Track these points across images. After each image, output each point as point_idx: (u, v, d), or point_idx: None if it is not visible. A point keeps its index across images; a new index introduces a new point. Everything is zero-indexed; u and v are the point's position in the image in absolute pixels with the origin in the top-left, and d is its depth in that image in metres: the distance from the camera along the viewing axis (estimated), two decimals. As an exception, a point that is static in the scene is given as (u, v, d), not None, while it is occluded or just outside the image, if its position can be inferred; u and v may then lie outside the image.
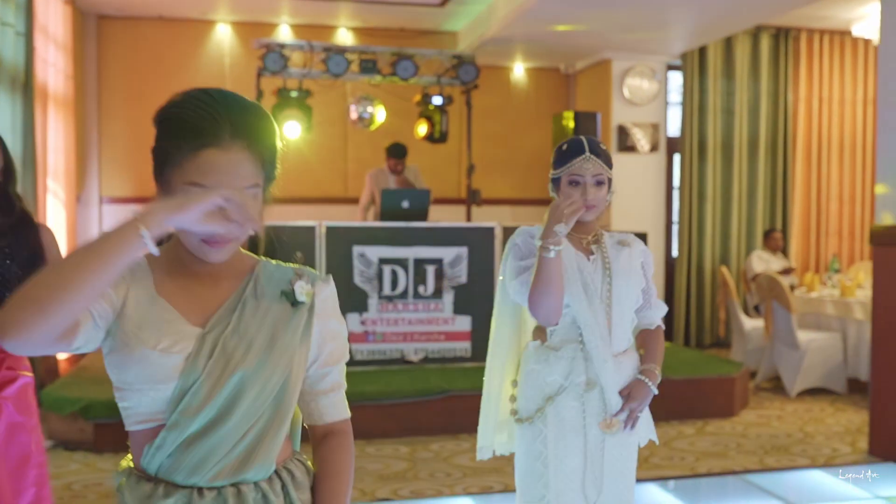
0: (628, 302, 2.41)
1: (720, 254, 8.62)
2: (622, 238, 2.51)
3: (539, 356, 2.40)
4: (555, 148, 2.44)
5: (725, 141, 8.59)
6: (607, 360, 2.31)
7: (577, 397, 2.35)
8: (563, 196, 2.38)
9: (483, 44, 8.17)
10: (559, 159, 2.41)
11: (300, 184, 8.44)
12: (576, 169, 2.36)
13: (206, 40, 8.43)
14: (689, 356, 6.58)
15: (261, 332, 1.40)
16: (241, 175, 1.35)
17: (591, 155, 2.37)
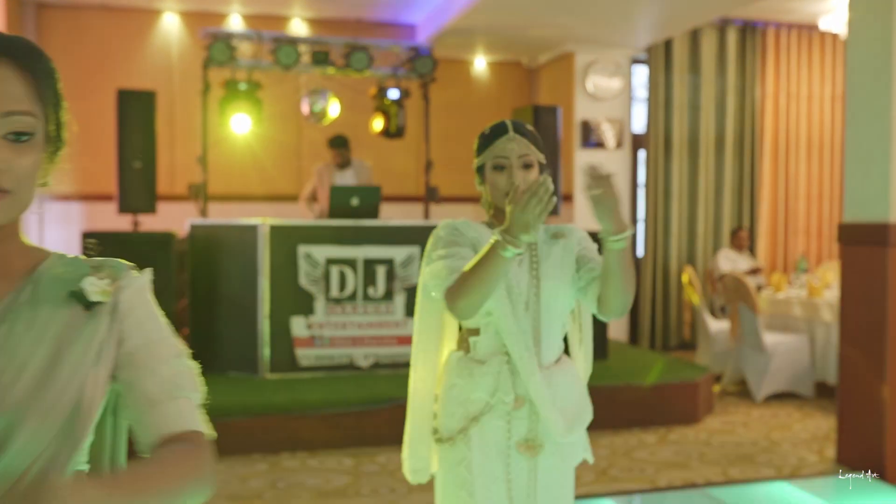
0: (558, 307, 2.12)
1: (686, 253, 8.40)
2: (557, 230, 2.23)
3: (462, 369, 2.11)
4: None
5: (692, 137, 8.37)
6: (534, 372, 2.03)
7: (504, 416, 2.07)
8: (490, 185, 2.11)
9: (442, 35, 7.88)
10: (481, 144, 2.15)
11: (250, 181, 8.11)
12: (499, 150, 2.10)
13: (152, 31, 8.06)
14: (652, 360, 6.32)
15: (37, 351, 1.08)
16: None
17: (515, 135, 2.11)
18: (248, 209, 7.86)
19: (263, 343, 5.56)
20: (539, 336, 2.09)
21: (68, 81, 5.37)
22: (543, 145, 2.21)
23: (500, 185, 2.10)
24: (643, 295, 8.26)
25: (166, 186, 7.97)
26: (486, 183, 2.13)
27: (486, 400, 2.06)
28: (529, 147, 2.12)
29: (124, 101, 5.87)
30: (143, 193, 5.86)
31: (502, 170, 2.10)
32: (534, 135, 2.16)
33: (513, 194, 1.92)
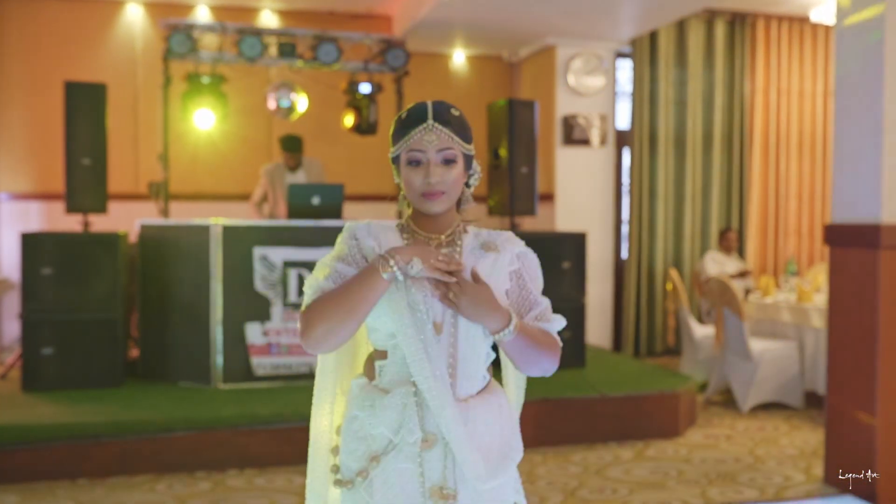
0: (481, 331, 1.78)
1: (672, 255, 8.07)
2: (489, 239, 1.88)
3: (364, 399, 1.78)
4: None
5: (678, 134, 8.04)
6: (445, 406, 1.70)
7: (413, 458, 1.73)
8: (405, 182, 1.79)
9: (418, 27, 7.54)
10: (397, 132, 1.82)
11: (215, 179, 7.78)
12: (415, 143, 1.77)
13: (115, 22, 7.72)
14: (631, 368, 6.00)
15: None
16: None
17: (434, 123, 1.77)
18: (214, 209, 7.52)
19: (216, 351, 5.22)
20: (455, 363, 1.76)
21: (27, 74, 4.92)
22: (472, 133, 1.88)
23: (414, 184, 1.77)
24: (627, 299, 7.93)
25: (129, 185, 7.64)
26: (401, 177, 1.81)
27: (389, 438, 1.73)
28: (452, 138, 1.79)
29: (72, 94, 5.52)
30: (92, 192, 5.51)
31: (418, 165, 1.78)
32: (460, 121, 1.83)
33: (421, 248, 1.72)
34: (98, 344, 5.18)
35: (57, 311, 5.12)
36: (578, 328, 5.95)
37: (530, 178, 6.24)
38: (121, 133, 7.60)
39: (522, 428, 1.85)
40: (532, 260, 1.88)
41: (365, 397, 1.77)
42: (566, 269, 5.92)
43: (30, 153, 7.52)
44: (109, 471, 4.36)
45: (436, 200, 1.77)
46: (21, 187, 7.53)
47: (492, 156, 6.40)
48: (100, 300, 5.17)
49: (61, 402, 4.82)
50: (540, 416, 4.98)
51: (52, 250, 5.12)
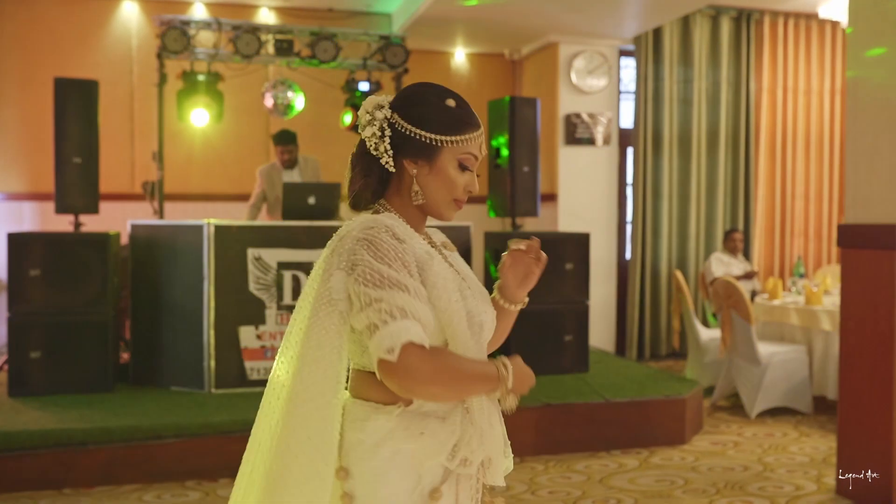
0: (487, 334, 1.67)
1: (677, 256, 7.92)
2: (442, 239, 1.76)
3: (409, 429, 1.54)
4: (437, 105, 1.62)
5: (683, 134, 7.89)
6: (496, 424, 1.62)
7: (473, 483, 1.64)
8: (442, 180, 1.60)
9: (418, 24, 7.40)
10: (449, 122, 1.61)
11: (212, 179, 7.64)
12: (474, 146, 1.63)
13: (110, 19, 7.59)
14: (635, 372, 5.84)
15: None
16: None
17: (483, 133, 1.68)
18: (210, 209, 7.39)
19: (209, 355, 5.07)
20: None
21: (21, 71, 4.72)
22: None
23: (455, 188, 1.61)
24: (631, 300, 7.77)
25: (125, 185, 7.51)
26: (433, 170, 1.60)
27: (445, 466, 1.57)
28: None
29: (63, 91, 5.38)
30: (83, 192, 5.37)
31: (464, 170, 1.63)
32: None
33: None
34: (87, 347, 5.04)
35: (45, 314, 4.98)
36: (581, 331, 5.80)
37: (532, 178, 6.10)
38: (116, 132, 7.47)
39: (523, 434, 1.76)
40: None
41: (410, 426, 1.54)
42: (569, 271, 5.77)
43: (24, 152, 7.38)
44: (96, 480, 4.22)
45: (460, 209, 1.68)
46: (15, 187, 7.40)
47: (492, 154, 6.26)
48: (89, 302, 5.03)
49: (48, 407, 4.68)
50: (541, 422, 4.83)
51: (40, 251, 4.98)
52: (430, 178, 1.60)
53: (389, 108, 1.62)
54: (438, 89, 1.65)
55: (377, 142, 1.59)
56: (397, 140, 1.59)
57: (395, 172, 1.61)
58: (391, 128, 1.60)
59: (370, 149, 1.60)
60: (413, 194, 1.61)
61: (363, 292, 1.46)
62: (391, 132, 1.60)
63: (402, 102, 1.63)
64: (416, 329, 1.44)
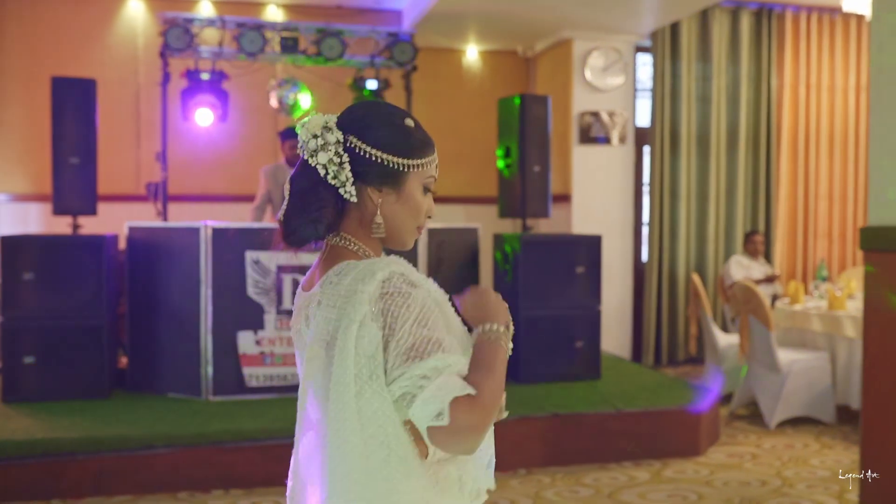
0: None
1: (695, 259, 7.68)
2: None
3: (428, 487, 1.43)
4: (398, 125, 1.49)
5: (701, 132, 7.65)
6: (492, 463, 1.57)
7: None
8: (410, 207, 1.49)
9: (428, 21, 7.23)
10: (412, 144, 1.48)
11: (218, 179, 7.51)
12: (435, 170, 1.53)
13: (116, 18, 7.48)
14: (649, 380, 5.63)
15: None
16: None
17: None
18: (215, 210, 7.25)
19: (206, 361, 4.93)
20: None
21: (26, 71, 4.52)
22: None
23: (420, 214, 1.50)
24: (648, 305, 7.55)
25: (131, 186, 7.40)
26: (400, 197, 1.47)
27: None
28: None
29: (60, 90, 5.26)
30: (80, 193, 5.25)
31: (426, 193, 1.52)
32: None
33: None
34: (82, 352, 4.91)
35: (39, 318, 4.85)
36: (593, 337, 5.59)
37: (543, 178, 5.91)
38: (122, 132, 7.37)
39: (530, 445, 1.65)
40: None
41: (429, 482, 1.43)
42: (580, 274, 5.57)
43: (29, 153, 7.29)
44: (85, 491, 4.08)
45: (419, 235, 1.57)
46: (20, 188, 7.30)
47: (502, 154, 6.07)
48: (83, 306, 4.90)
49: (40, 414, 4.55)
50: (549, 432, 4.64)
51: (34, 254, 4.86)
52: (398, 206, 1.48)
53: (340, 129, 1.46)
54: (392, 109, 1.51)
55: (336, 169, 1.44)
56: (358, 166, 1.44)
57: (357, 202, 1.46)
58: (349, 153, 1.44)
59: (327, 177, 1.44)
60: (374, 227, 1.47)
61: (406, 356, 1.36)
62: (350, 157, 1.44)
63: (358, 124, 1.46)
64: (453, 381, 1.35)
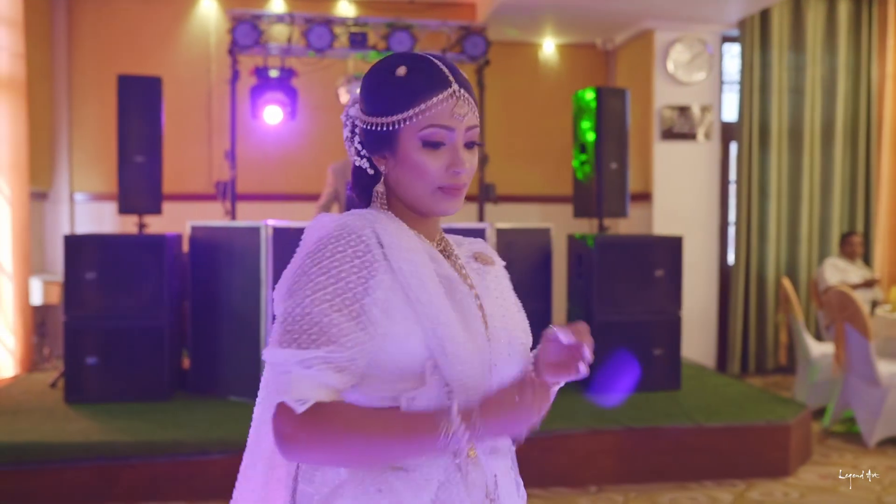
0: (514, 364, 1.32)
1: (786, 261, 7.21)
2: (479, 249, 1.43)
3: (364, 484, 1.23)
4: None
5: (793, 126, 7.18)
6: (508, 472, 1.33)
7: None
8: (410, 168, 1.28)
9: (503, 14, 6.98)
10: (397, 92, 1.26)
11: (285, 178, 7.43)
12: (439, 115, 1.26)
13: (188, 17, 7.48)
14: (734, 392, 5.25)
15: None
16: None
17: (459, 89, 1.27)
18: (284, 209, 7.16)
19: (266, 364, 4.79)
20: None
21: (101, 72, 4.50)
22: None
23: (431, 173, 1.27)
24: (734, 310, 7.12)
25: (203, 185, 7.38)
26: (398, 160, 1.28)
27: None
28: (476, 113, 1.30)
29: (126, 89, 5.22)
30: (146, 192, 5.19)
31: (436, 147, 1.26)
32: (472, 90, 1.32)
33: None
34: (144, 354, 4.84)
35: (101, 318, 4.81)
36: (673, 344, 5.25)
37: (621, 176, 5.59)
38: (194, 131, 7.36)
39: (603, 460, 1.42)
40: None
41: (365, 481, 1.23)
42: (659, 278, 5.24)
43: (103, 152, 7.34)
44: (138, 496, 3.99)
45: (458, 198, 1.29)
46: (96, 187, 7.37)
47: (577, 150, 5.78)
48: (144, 307, 4.83)
49: (99, 416, 4.49)
50: (623, 447, 4.33)
51: (96, 253, 4.81)
52: (399, 170, 1.29)
53: (353, 104, 1.37)
54: (392, 59, 1.31)
55: (348, 144, 1.37)
56: (360, 137, 1.33)
57: (375, 174, 1.35)
58: (352, 126, 1.35)
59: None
60: (378, 197, 1.34)
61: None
62: (354, 130, 1.35)
63: (361, 93, 1.34)
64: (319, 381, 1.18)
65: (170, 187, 6.58)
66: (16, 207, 6.10)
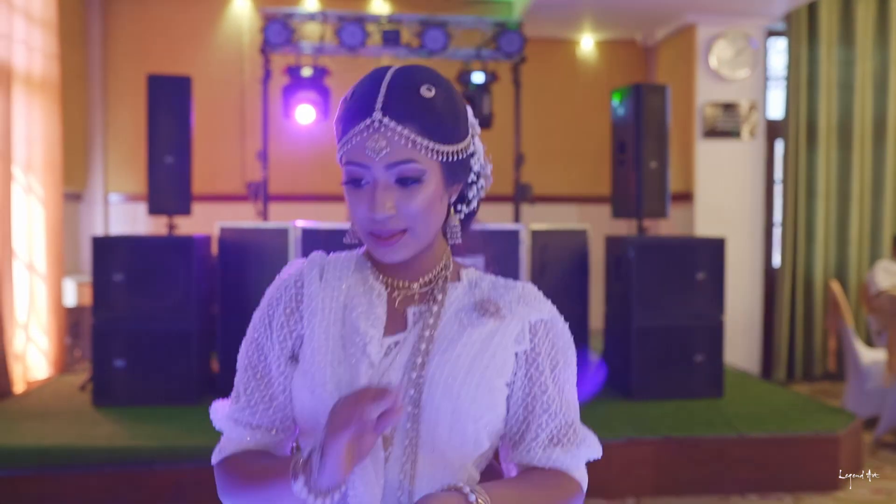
0: (459, 435, 1.11)
1: (835, 264, 6.94)
2: (490, 296, 1.21)
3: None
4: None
5: (843, 123, 6.90)
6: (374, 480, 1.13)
7: None
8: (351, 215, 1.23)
9: (539, 8, 6.82)
10: (337, 120, 1.20)
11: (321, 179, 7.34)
12: (354, 150, 1.13)
13: (222, 17, 7.44)
14: (780, 400, 5.03)
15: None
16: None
17: (383, 118, 1.11)
18: (322, 210, 7.07)
19: (294, 368, 4.69)
20: (413, 486, 1.11)
21: (133, 71, 4.43)
22: (463, 120, 1.19)
23: (356, 215, 1.17)
24: (780, 314, 6.87)
25: (236, 185, 7.33)
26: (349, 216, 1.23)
27: None
28: (415, 142, 1.11)
29: (155, 88, 5.16)
30: (175, 192, 5.13)
31: (358, 186, 1.15)
32: (437, 106, 1.13)
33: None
34: (171, 357, 4.77)
35: (129, 321, 4.75)
36: (714, 350, 5.05)
37: (661, 175, 5.40)
38: (227, 132, 7.32)
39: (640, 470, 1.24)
40: (560, 336, 1.18)
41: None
42: (700, 281, 5.04)
43: (138, 153, 7.32)
44: (162, 501, 3.91)
45: (390, 247, 1.13)
46: (131, 188, 7.36)
47: (616, 150, 5.60)
48: (172, 309, 4.76)
49: (126, 420, 4.43)
50: (661, 458, 4.15)
51: (123, 255, 4.76)
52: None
53: None
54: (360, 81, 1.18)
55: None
56: None
57: None
58: None
59: None
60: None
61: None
62: None
63: None
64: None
65: (202, 188, 6.54)
66: (49, 208, 6.09)
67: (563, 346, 1.18)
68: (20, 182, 5.73)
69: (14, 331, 5.43)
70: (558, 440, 1.12)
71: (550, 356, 1.16)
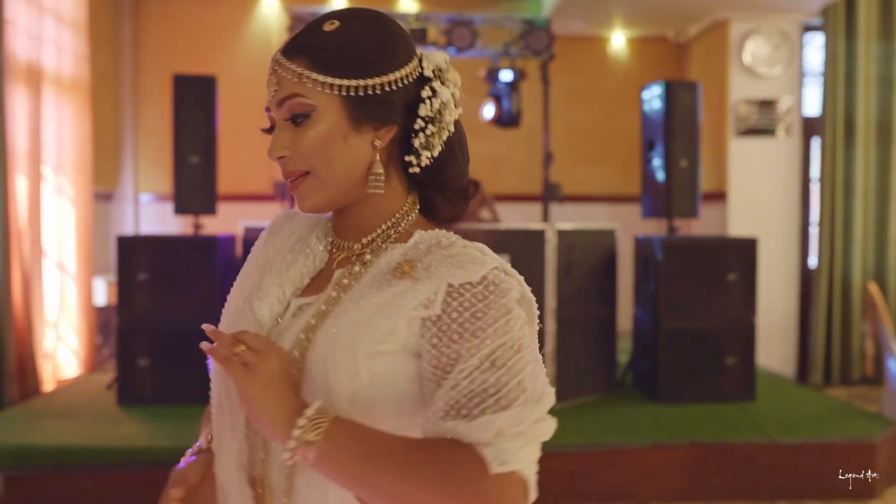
0: (333, 406, 1.01)
1: (873, 265, 6.74)
2: (415, 256, 1.07)
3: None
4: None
5: (882, 121, 6.71)
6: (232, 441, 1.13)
7: None
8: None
9: (568, 5, 6.72)
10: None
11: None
12: (269, 93, 1.13)
13: (250, 17, 7.45)
14: (814, 405, 4.89)
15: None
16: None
17: (280, 56, 1.08)
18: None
19: (317, 369, 4.66)
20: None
21: (165, 73, 4.31)
22: (377, 55, 1.07)
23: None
24: (816, 316, 6.69)
25: (263, 185, 7.34)
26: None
27: None
28: (305, 76, 1.05)
29: (181, 88, 5.17)
30: (200, 192, 5.14)
31: (270, 132, 1.14)
32: (337, 40, 1.05)
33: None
34: (196, 357, 4.73)
35: (153, 320, 4.75)
36: (746, 353, 4.92)
37: (691, 174, 5.28)
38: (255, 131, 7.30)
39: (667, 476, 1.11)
40: (479, 304, 0.99)
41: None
42: (732, 282, 4.91)
43: (168, 153, 7.34)
44: (182, 503, 3.89)
45: (296, 190, 1.10)
46: (161, 188, 7.40)
47: (644, 147, 5.49)
48: (195, 309, 4.75)
49: (149, 420, 4.43)
50: (689, 463, 4.05)
51: (148, 254, 4.76)
52: None
53: None
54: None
55: None
56: None
57: None
58: None
59: None
60: None
61: None
62: None
63: None
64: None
65: (229, 188, 6.56)
66: (79, 208, 6.14)
67: (495, 314, 0.98)
68: (50, 182, 5.78)
69: (43, 330, 5.48)
70: (468, 411, 0.94)
71: (469, 324, 0.98)
